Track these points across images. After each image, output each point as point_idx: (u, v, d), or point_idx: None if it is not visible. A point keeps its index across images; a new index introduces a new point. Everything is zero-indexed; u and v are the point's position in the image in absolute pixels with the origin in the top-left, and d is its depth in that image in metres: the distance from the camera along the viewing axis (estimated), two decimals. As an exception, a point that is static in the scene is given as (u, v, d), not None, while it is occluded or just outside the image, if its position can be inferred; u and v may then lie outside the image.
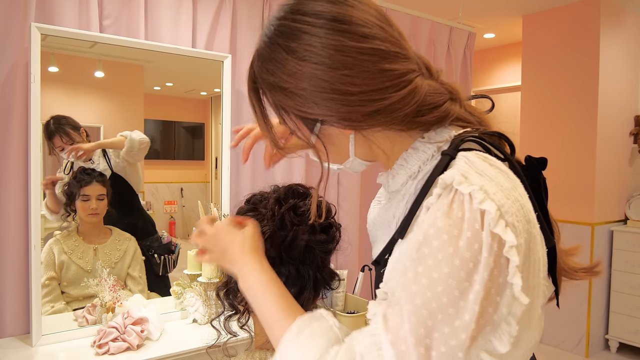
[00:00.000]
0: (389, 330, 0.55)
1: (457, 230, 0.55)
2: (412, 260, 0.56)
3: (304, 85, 0.63)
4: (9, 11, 1.71)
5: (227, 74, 2.14)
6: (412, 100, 0.63)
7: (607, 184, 3.73)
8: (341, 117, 0.64)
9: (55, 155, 2.01)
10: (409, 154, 0.69)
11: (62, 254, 1.91)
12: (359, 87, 0.61)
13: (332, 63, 0.61)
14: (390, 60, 0.62)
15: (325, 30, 0.61)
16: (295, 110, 0.66)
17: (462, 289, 0.53)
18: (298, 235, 0.85)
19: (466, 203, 0.55)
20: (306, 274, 0.87)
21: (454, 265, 0.54)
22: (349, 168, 0.75)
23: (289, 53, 0.63)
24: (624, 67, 3.84)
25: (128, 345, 1.62)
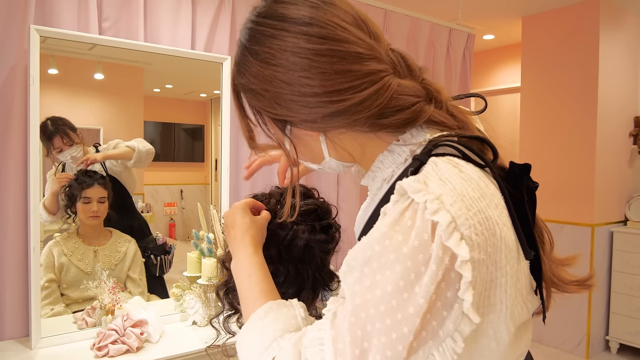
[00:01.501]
0: (333, 326, 0.55)
1: (403, 237, 0.53)
2: (358, 262, 0.56)
3: (267, 87, 0.64)
4: (8, 13, 1.71)
5: (227, 76, 2.14)
6: (374, 102, 0.61)
7: (607, 185, 3.73)
8: (302, 119, 0.64)
9: (50, 157, 2.00)
10: (385, 156, 0.68)
11: (62, 256, 1.91)
12: (316, 89, 0.61)
13: (290, 65, 0.61)
14: (350, 61, 0.61)
15: (285, 33, 0.62)
16: (264, 111, 0.68)
17: (400, 300, 0.52)
18: (298, 235, 0.86)
19: (419, 212, 0.53)
20: (305, 273, 0.87)
21: (395, 271, 0.52)
22: (329, 168, 0.75)
23: (253, 56, 0.64)
24: (624, 68, 3.84)
25: (127, 347, 1.62)
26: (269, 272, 0.75)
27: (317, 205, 0.91)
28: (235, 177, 2.32)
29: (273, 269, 0.85)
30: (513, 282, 0.57)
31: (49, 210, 1.92)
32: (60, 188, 1.94)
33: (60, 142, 1.99)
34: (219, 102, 2.18)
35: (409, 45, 2.99)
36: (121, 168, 2.12)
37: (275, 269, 0.85)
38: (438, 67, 3.17)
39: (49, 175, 1.97)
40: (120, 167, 2.11)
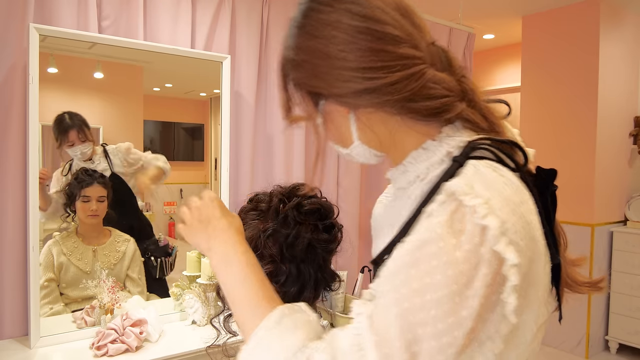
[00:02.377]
0: (374, 331, 0.54)
1: (455, 240, 0.53)
2: (404, 263, 0.55)
3: (308, 58, 0.66)
4: (8, 12, 1.71)
5: (227, 75, 2.14)
6: (406, 86, 0.62)
7: (606, 184, 3.73)
8: (335, 92, 0.66)
9: (59, 151, 2.02)
10: (419, 153, 0.68)
11: (61, 255, 1.90)
12: (351, 63, 0.63)
13: (330, 38, 0.64)
14: (385, 41, 0.63)
15: (330, 8, 0.65)
16: (301, 84, 0.69)
17: (452, 304, 0.51)
18: (301, 234, 0.86)
19: (468, 215, 0.53)
20: (307, 272, 0.87)
21: (446, 274, 0.52)
22: (357, 155, 0.74)
23: (299, 28, 0.68)
24: (624, 68, 3.84)
25: (127, 347, 1.62)
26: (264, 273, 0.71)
27: (320, 205, 0.91)
28: (234, 176, 2.32)
29: (274, 268, 0.85)
30: (542, 285, 0.60)
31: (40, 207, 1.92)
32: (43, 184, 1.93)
33: (75, 136, 2.01)
34: (218, 101, 2.18)
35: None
36: (128, 170, 2.13)
37: (276, 268, 0.85)
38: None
39: (55, 174, 1.97)
40: (127, 168, 2.12)
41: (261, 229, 0.86)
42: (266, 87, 2.43)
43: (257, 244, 0.86)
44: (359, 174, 2.75)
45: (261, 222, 0.88)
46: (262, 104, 2.43)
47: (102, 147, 2.10)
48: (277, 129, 2.44)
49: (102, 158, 2.10)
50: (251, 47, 2.34)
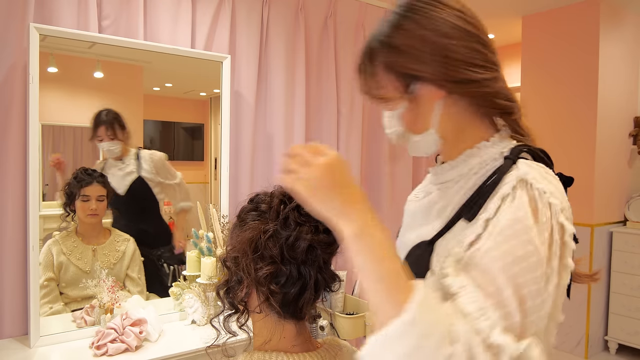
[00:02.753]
0: (489, 296, 0.64)
1: (536, 215, 0.67)
2: (507, 237, 0.66)
3: (416, 44, 0.77)
4: (8, 11, 1.71)
5: (227, 75, 2.14)
6: (495, 84, 0.79)
7: (606, 185, 3.73)
8: (439, 77, 0.77)
9: (93, 142, 2.11)
10: (473, 151, 0.82)
11: (61, 254, 1.90)
12: (458, 56, 0.76)
13: (445, 32, 0.76)
14: (485, 47, 0.80)
15: (442, 10, 0.78)
16: (397, 66, 0.78)
17: (546, 265, 0.66)
18: (301, 235, 0.86)
19: (538, 195, 0.69)
20: (307, 274, 0.87)
21: (537, 243, 0.66)
22: (425, 142, 0.84)
23: (408, 20, 0.78)
24: (624, 68, 3.84)
25: (126, 346, 1.62)
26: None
27: None
28: (234, 176, 2.32)
29: (275, 269, 0.85)
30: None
31: None
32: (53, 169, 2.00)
33: (104, 132, 2.07)
34: (218, 101, 2.18)
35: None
36: (156, 178, 2.18)
37: (277, 269, 0.85)
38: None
39: (96, 165, 2.10)
40: (156, 176, 2.18)
41: (262, 229, 0.86)
42: (266, 87, 2.43)
43: (257, 244, 0.86)
44: (358, 174, 2.75)
45: (262, 222, 0.88)
46: (262, 103, 2.43)
47: (135, 150, 2.16)
48: (277, 129, 2.44)
49: (133, 160, 2.15)
50: (251, 47, 2.34)
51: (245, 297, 0.89)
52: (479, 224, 0.71)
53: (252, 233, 0.87)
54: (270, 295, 0.85)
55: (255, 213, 0.90)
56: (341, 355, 0.95)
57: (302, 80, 2.49)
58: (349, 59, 2.70)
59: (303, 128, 2.50)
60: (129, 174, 2.16)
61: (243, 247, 0.87)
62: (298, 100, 2.49)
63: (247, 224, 0.89)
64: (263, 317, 0.89)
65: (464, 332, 0.60)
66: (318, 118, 2.63)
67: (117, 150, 2.11)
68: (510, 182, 0.71)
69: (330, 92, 2.62)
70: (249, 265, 0.85)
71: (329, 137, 2.63)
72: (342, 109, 2.68)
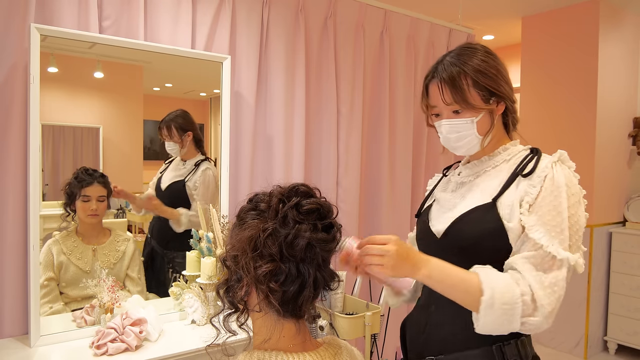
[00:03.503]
0: (552, 229, 1.04)
1: (574, 182, 1.08)
2: (553, 193, 1.05)
3: (494, 72, 1.14)
4: (9, 12, 1.71)
5: (227, 75, 2.14)
6: (515, 105, 1.21)
7: (605, 185, 3.74)
8: (505, 95, 1.15)
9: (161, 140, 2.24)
10: (504, 148, 1.20)
11: (61, 254, 1.91)
12: (510, 84, 1.18)
13: (501, 70, 1.17)
14: (509, 81, 1.18)
15: (494, 59, 1.18)
16: (486, 85, 1.13)
17: (581, 211, 1.07)
18: (300, 233, 0.86)
19: (570, 171, 1.10)
20: (306, 272, 0.87)
21: (579, 200, 1.07)
22: (477, 142, 1.17)
23: (489, 57, 1.16)
24: (623, 69, 3.85)
25: (126, 346, 1.62)
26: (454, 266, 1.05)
27: (319, 205, 0.91)
28: (234, 176, 2.32)
29: (274, 268, 0.85)
30: None
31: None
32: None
33: (163, 132, 2.21)
34: (218, 101, 2.18)
35: (408, 46, 2.99)
36: (196, 191, 2.23)
37: (276, 268, 0.85)
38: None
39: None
40: (196, 188, 2.23)
41: (261, 228, 0.87)
42: (266, 87, 2.44)
43: (256, 243, 0.86)
44: (358, 174, 2.75)
45: (261, 221, 0.88)
46: (262, 104, 2.43)
47: (201, 158, 2.29)
48: (277, 129, 2.44)
49: (190, 166, 2.26)
50: (251, 47, 2.35)
51: (245, 295, 0.90)
52: (535, 181, 1.06)
53: (252, 232, 0.87)
54: (269, 293, 0.85)
55: (255, 212, 0.91)
56: (340, 354, 0.95)
57: (302, 81, 2.49)
58: (349, 60, 2.71)
59: (303, 128, 2.50)
60: (178, 176, 2.23)
61: (242, 246, 0.87)
62: (298, 101, 2.49)
63: (247, 223, 0.90)
64: (263, 315, 0.90)
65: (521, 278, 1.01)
66: (318, 118, 2.64)
67: (175, 152, 2.23)
68: (551, 159, 1.09)
69: (330, 93, 2.63)
70: (248, 264, 0.86)
71: (328, 138, 2.63)
72: (342, 109, 2.69)
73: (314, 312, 0.96)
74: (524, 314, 0.97)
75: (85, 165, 2.00)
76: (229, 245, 0.92)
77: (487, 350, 1.08)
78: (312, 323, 0.98)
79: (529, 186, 1.06)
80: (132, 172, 2.25)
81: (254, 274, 0.85)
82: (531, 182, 1.06)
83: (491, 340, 1.07)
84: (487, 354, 1.09)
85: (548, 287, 0.99)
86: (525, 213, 1.04)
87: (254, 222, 0.89)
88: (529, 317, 0.98)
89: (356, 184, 2.74)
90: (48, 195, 1.94)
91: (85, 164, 2.03)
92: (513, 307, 0.97)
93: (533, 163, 1.09)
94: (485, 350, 1.09)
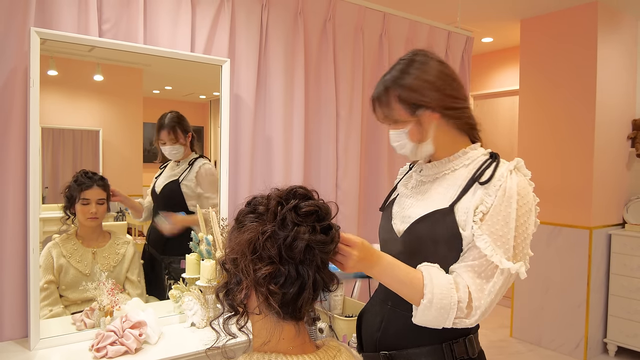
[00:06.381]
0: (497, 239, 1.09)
1: (527, 191, 1.12)
2: (509, 217, 1.09)
3: (425, 85, 1.18)
4: (9, 15, 1.72)
5: (226, 78, 2.15)
6: (467, 111, 1.23)
7: (604, 187, 3.74)
8: (437, 105, 1.18)
9: (156, 146, 2.20)
10: (460, 153, 1.23)
11: (61, 257, 1.91)
12: (448, 92, 1.19)
13: (437, 78, 1.19)
14: (461, 87, 1.23)
15: (436, 63, 1.22)
16: (409, 99, 1.18)
17: (533, 222, 1.13)
18: (299, 235, 0.87)
19: (526, 179, 1.14)
20: (305, 273, 0.87)
21: (530, 212, 1.13)
22: (424, 149, 1.23)
23: (416, 69, 1.20)
24: (622, 71, 3.86)
25: (126, 349, 1.62)
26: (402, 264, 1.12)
27: (317, 207, 0.91)
28: (234, 179, 2.32)
29: (273, 270, 0.85)
30: None
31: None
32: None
33: (166, 135, 2.16)
34: (218, 104, 2.19)
35: (407, 48, 2.99)
36: (195, 188, 2.22)
37: (275, 270, 0.86)
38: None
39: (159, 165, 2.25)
40: (194, 186, 2.22)
41: (260, 231, 0.87)
42: (265, 90, 2.44)
43: (256, 245, 0.86)
44: (357, 176, 2.75)
45: (259, 224, 0.89)
46: (261, 106, 2.44)
47: (195, 156, 2.26)
48: (276, 132, 2.45)
49: (185, 165, 2.24)
50: (250, 50, 2.35)
51: (244, 298, 0.90)
52: (491, 190, 1.11)
53: (251, 234, 0.87)
54: (269, 295, 0.85)
55: (253, 215, 0.91)
56: (340, 356, 0.95)
57: (301, 83, 2.50)
58: (348, 62, 2.71)
59: (302, 131, 2.51)
60: (172, 176, 2.21)
61: (241, 249, 0.87)
62: (297, 103, 2.50)
63: (245, 226, 0.90)
64: (262, 318, 0.90)
65: (462, 283, 1.09)
66: (317, 121, 2.64)
67: (179, 154, 2.20)
68: (505, 169, 1.13)
69: (329, 95, 2.63)
70: (247, 266, 0.86)
71: (327, 140, 2.64)
72: (341, 111, 2.69)
73: (313, 314, 0.96)
74: (457, 317, 1.07)
75: (85, 168, 2.01)
76: (228, 249, 0.92)
77: (437, 347, 1.17)
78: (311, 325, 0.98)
79: (485, 195, 1.11)
80: (132, 175, 2.25)
81: (254, 276, 0.85)
82: (487, 191, 1.11)
83: (442, 339, 1.17)
84: (437, 351, 1.17)
85: (487, 294, 1.08)
86: (478, 221, 1.09)
87: (253, 225, 0.89)
88: (462, 319, 1.08)
89: (355, 186, 2.74)
90: (48, 198, 1.94)
91: (85, 166, 2.03)
92: (448, 312, 1.06)
93: (491, 170, 1.14)
94: (435, 348, 1.17)
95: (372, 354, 1.27)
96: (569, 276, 3.73)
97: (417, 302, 1.09)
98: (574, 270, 3.70)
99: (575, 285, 3.69)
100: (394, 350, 1.22)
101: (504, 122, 5.07)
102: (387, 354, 1.22)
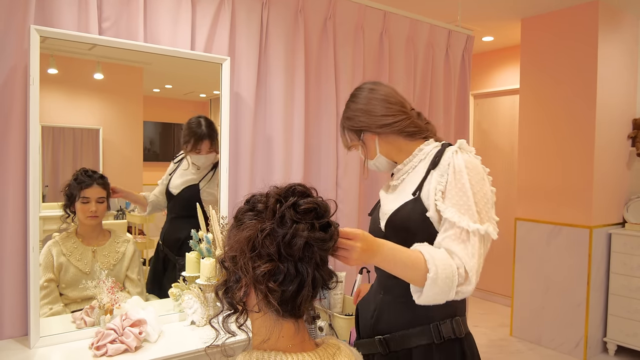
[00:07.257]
0: (461, 208, 1.22)
1: (475, 164, 1.26)
2: (457, 178, 1.24)
3: (358, 114, 1.43)
4: (8, 13, 1.72)
5: (226, 77, 2.15)
6: (402, 122, 1.40)
7: (605, 186, 3.74)
8: (369, 127, 1.42)
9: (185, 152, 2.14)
10: (420, 149, 1.40)
11: (61, 255, 1.91)
12: (376, 113, 1.41)
13: (366, 103, 1.43)
14: (393, 104, 1.42)
15: (366, 92, 1.45)
16: (351, 126, 1.45)
17: (489, 190, 1.26)
18: (298, 233, 0.87)
19: (471, 154, 1.29)
20: (305, 271, 0.87)
21: (485, 178, 1.26)
22: (379, 163, 1.47)
23: (351, 102, 1.48)
24: (622, 70, 3.86)
25: (126, 347, 1.62)
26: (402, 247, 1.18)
27: (316, 204, 0.91)
28: (234, 177, 2.32)
29: (273, 267, 0.85)
30: None
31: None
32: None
33: (207, 146, 2.12)
34: (218, 102, 2.19)
35: (408, 47, 2.99)
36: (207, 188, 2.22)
37: (274, 267, 0.86)
38: (437, 69, 3.17)
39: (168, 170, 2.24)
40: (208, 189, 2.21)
41: (259, 228, 0.87)
42: (266, 88, 2.44)
43: (255, 243, 0.86)
44: (357, 175, 2.75)
45: (258, 222, 0.89)
46: (261, 105, 2.44)
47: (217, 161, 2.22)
48: (277, 130, 2.45)
49: (207, 171, 2.23)
50: (251, 48, 2.35)
51: (243, 296, 0.90)
52: (442, 170, 1.27)
53: (250, 232, 0.87)
54: (268, 292, 0.86)
55: (252, 213, 0.91)
56: (339, 355, 0.95)
57: (302, 82, 2.50)
58: (349, 61, 2.71)
59: (302, 129, 2.51)
60: (191, 181, 2.20)
61: (241, 247, 0.87)
62: (297, 102, 2.50)
63: (244, 223, 0.90)
64: (262, 315, 0.90)
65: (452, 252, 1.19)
66: (317, 119, 2.64)
67: (208, 163, 2.17)
68: (452, 149, 1.30)
69: (329, 94, 2.63)
70: (247, 264, 0.86)
71: (328, 138, 2.64)
72: (341, 110, 2.68)
73: (313, 312, 0.96)
74: (459, 284, 1.15)
75: (85, 166, 2.01)
76: (227, 247, 0.92)
77: (426, 328, 1.30)
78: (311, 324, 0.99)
79: (439, 176, 1.27)
80: (132, 173, 2.25)
81: (253, 274, 0.85)
82: (439, 172, 1.28)
83: (430, 319, 1.30)
84: (426, 331, 1.30)
85: (471, 256, 1.17)
86: (440, 199, 1.24)
87: (252, 222, 0.89)
88: (462, 286, 1.16)
89: (355, 185, 2.74)
90: (48, 196, 1.94)
91: (85, 165, 2.03)
92: (452, 280, 1.14)
93: (439, 156, 1.31)
94: (424, 329, 1.30)
95: (368, 340, 1.39)
96: (569, 275, 3.73)
97: (422, 280, 1.14)
98: (574, 270, 3.70)
99: (575, 284, 3.69)
100: (388, 334, 1.34)
101: (504, 121, 5.07)
102: (381, 338, 1.35)
